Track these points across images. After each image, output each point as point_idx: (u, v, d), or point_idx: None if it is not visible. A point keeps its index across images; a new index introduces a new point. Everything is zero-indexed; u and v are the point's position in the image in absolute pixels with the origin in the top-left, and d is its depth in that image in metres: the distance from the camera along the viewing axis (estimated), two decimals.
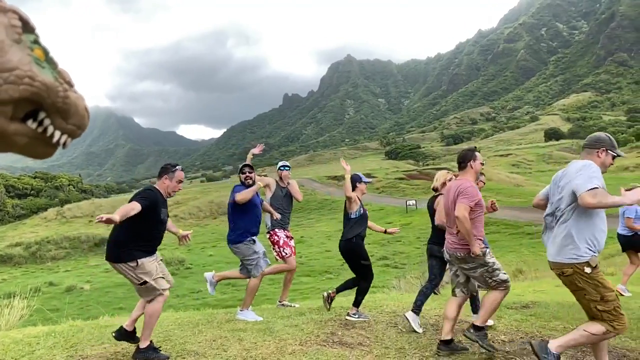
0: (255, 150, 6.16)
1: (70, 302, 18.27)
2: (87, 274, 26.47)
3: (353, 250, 5.17)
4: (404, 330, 4.55)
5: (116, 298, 20.44)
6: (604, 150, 3.31)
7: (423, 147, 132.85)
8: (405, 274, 13.97)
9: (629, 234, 7.18)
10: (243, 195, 5.14)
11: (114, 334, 4.02)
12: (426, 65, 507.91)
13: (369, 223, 5.42)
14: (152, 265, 3.78)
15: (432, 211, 5.03)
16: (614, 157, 3.34)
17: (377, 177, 64.79)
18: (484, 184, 6.48)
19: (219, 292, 20.08)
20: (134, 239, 3.73)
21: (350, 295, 5.74)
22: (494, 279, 3.86)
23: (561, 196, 3.25)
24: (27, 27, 0.87)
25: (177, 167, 3.99)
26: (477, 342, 3.81)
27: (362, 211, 5.24)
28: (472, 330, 3.84)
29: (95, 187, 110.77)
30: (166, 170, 3.95)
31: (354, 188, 5.18)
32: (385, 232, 5.81)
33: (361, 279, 5.19)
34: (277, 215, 5.66)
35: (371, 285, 5.22)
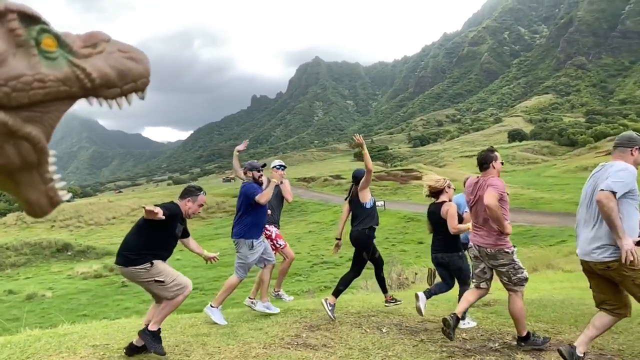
0: (240, 147, 6.20)
1: (30, 310, 17.67)
2: (49, 280, 25.66)
3: (365, 240, 5.23)
4: (368, 330, 4.60)
5: (80, 305, 19.90)
6: (637, 148, 3.47)
7: (391, 149, 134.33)
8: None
9: None
10: (266, 197, 5.14)
11: (126, 351, 3.90)
12: (393, 68, 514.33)
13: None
14: (166, 266, 3.85)
15: (438, 218, 4.99)
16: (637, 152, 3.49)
17: (345, 179, 65.09)
18: None
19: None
20: (146, 246, 3.78)
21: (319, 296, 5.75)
22: (518, 276, 4.08)
23: None
24: (30, 19, 0.84)
25: (200, 191, 4.11)
26: (534, 348, 4.04)
27: (374, 200, 5.38)
28: (522, 344, 4.05)
29: None
30: (190, 192, 4.05)
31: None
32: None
33: (351, 270, 5.34)
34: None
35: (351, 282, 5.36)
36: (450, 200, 5.10)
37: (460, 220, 4.97)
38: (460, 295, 4.88)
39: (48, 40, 0.84)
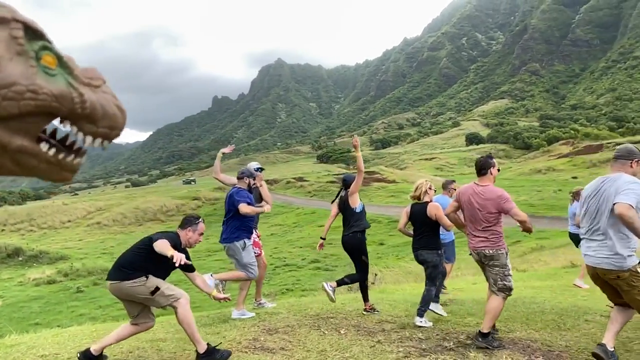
0: (226, 150, 6.19)
1: None
2: None
3: (358, 244, 5.49)
4: (327, 332, 4.62)
5: (32, 313, 19.09)
6: (637, 161, 3.68)
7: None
8: (334, 277, 14.14)
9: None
10: (249, 211, 5.13)
11: (78, 355, 3.79)
12: (355, 71, 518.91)
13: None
14: (161, 280, 3.81)
15: (421, 217, 5.25)
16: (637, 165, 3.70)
17: (309, 181, 65.16)
18: (455, 190, 7.32)
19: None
20: (145, 267, 3.77)
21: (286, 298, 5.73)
22: (504, 282, 4.32)
23: (611, 209, 3.53)
24: (34, 34, 0.84)
25: (199, 220, 4.14)
26: (487, 348, 4.12)
27: (363, 205, 5.61)
28: (480, 339, 4.19)
29: (8, 193, 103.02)
30: (190, 222, 4.07)
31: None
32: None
33: (358, 271, 5.54)
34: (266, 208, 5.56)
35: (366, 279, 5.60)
36: (431, 201, 5.40)
37: None
38: (424, 297, 5.07)
39: (48, 58, 0.85)
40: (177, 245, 3.91)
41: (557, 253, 15.08)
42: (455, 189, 7.46)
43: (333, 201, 5.72)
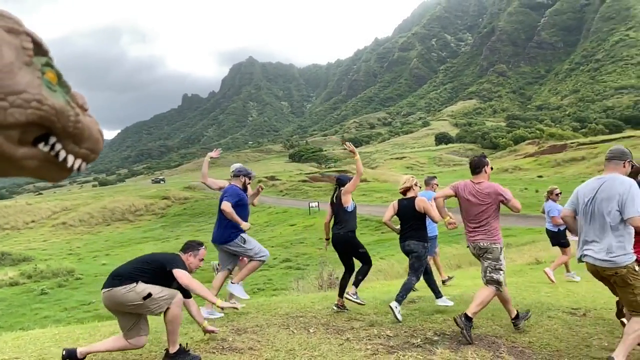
0: (213, 154, 6.25)
1: None
2: None
3: (351, 241, 5.63)
4: (296, 331, 4.62)
5: None
6: (629, 162, 3.89)
7: (325, 150, 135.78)
8: (305, 275, 14.16)
9: (555, 230, 8.29)
10: (227, 210, 5.20)
11: (64, 352, 3.74)
12: (327, 70, 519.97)
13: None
14: (152, 285, 3.76)
15: (409, 212, 5.54)
16: (632, 167, 3.95)
17: (281, 180, 64.99)
18: (437, 185, 7.80)
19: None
20: (146, 281, 3.76)
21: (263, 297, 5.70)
22: (493, 275, 4.56)
23: (609, 210, 3.70)
24: (40, 49, 0.87)
25: (202, 246, 4.22)
26: (462, 329, 4.31)
27: (355, 204, 5.80)
28: (463, 319, 4.36)
29: None
30: (192, 247, 4.14)
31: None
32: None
33: (364, 264, 5.66)
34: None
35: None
36: (417, 195, 5.69)
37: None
38: (405, 285, 5.29)
39: (50, 74, 0.87)
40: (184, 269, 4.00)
41: (523, 250, 15.47)
42: (437, 184, 7.90)
43: (331, 202, 5.90)
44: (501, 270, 4.59)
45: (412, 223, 5.52)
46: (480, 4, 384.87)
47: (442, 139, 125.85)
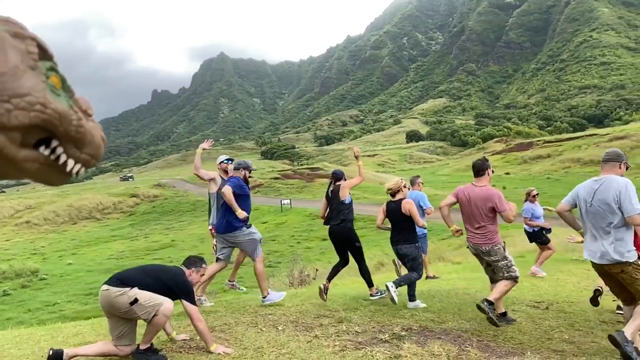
0: (205, 145, 6.23)
1: None
2: None
3: (349, 234, 5.82)
4: (264, 329, 4.60)
5: None
6: (624, 163, 4.11)
7: (297, 148, 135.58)
8: (275, 273, 14.11)
9: (530, 230, 8.59)
10: (227, 196, 5.33)
11: (50, 352, 3.62)
12: (299, 68, 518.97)
13: None
14: (144, 292, 3.75)
15: (397, 215, 5.68)
16: (627, 168, 4.15)
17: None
18: (422, 184, 8.27)
19: (79, 303, 18.45)
20: (144, 286, 3.75)
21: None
22: (510, 273, 4.83)
23: (609, 210, 3.91)
24: (45, 54, 0.88)
25: (204, 264, 4.30)
26: (488, 313, 4.60)
27: (351, 198, 5.97)
28: (485, 303, 4.66)
29: None
30: (195, 264, 4.21)
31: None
32: None
33: (357, 260, 5.86)
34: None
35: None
36: (405, 197, 5.81)
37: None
38: (406, 275, 5.62)
39: (55, 79, 0.89)
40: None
41: None
42: (422, 183, 8.34)
43: (327, 196, 6.15)
44: (513, 266, 4.88)
45: (400, 225, 5.68)
46: (451, 4, 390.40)
47: (412, 136, 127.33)
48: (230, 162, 6.21)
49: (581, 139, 65.46)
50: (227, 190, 5.32)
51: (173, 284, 3.86)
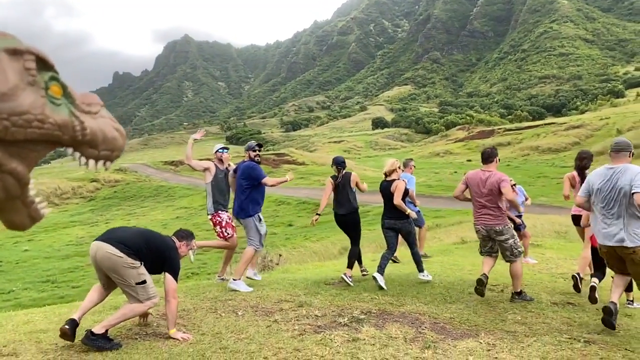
0: (197, 135, 6.27)
1: None
2: None
3: (357, 221, 6.23)
4: (223, 315, 4.56)
5: None
6: (632, 152, 4.40)
7: (264, 133, 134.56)
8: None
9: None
10: (273, 183, 5.93)
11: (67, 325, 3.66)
12: (266, 52, 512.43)
13: None
14: (149, 275, 3.86)
15: (388, 193, 6.02)
16: (632, 156, 4.42)
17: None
18: (414, 167, 8.73)
19: (35, 291, 17.89)
20: (138, 255, 3.77)
21: None
22: (518, 249, 5.28)
23: (625, 195, 4.09)
24: (45, 65, 0.90)
25: (194, 239, 4.43)
26: (522, 301, 5.14)
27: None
28: (517, 297, 5.21)
29: None
30: (187, 237, 4.31)
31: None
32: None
33: (355, 243, 6.23)
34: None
35: None
36: (399, 178, 6.12)
37: (406, 194, 6.17)
38: (414, 258, 6.10)
39: (55, 88, 0.91)
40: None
41: (450, 231, 16.14)
42: (414, 166, 8.68)
43: (335, 182, 6.19)
44: (518, 242, 5.34)
45: (392, 204, 5.99)
46: None
47: (378, 123, 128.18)
48: (225, 150, 6.23)
49: (540, 127, 67.33)
50: (269, 180, 5.81)
51: (167, 257, 3.93)
